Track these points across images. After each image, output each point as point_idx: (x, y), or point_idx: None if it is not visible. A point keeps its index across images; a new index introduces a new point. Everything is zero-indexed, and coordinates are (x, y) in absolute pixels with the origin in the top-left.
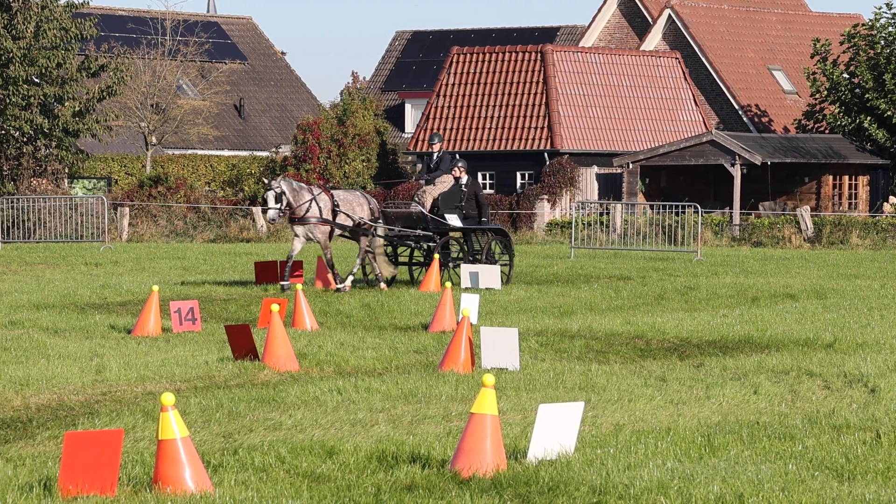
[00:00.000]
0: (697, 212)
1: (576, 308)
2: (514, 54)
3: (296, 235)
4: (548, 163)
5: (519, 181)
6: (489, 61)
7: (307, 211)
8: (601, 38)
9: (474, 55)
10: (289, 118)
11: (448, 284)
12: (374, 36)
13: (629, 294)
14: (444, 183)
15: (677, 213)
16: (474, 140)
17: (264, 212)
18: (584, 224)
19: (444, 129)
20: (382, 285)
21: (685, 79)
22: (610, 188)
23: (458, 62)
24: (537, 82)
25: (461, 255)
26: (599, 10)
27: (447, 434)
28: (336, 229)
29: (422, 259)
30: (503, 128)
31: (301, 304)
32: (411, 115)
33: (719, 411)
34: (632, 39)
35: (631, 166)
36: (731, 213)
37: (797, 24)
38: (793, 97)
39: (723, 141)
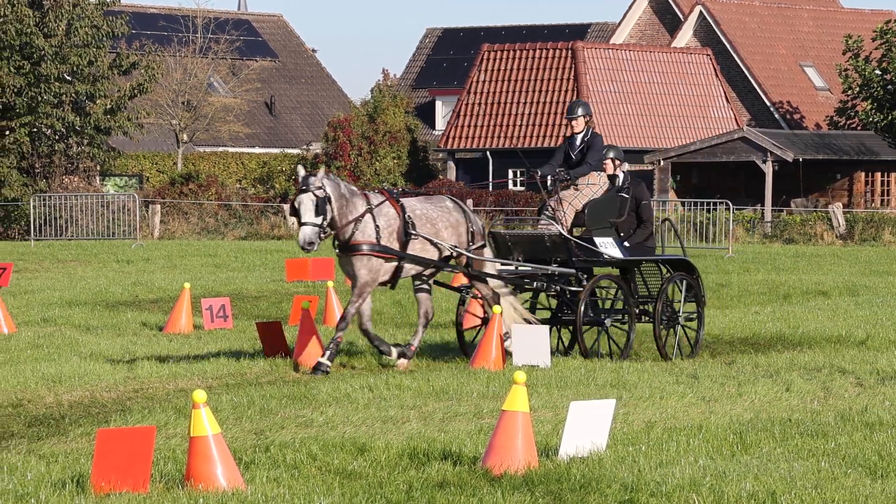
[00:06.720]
0: (729, 209)
1: None
2: (544, 51)
3: (348, 276)
4: None
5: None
6: (520, 58)
7: (353, 234)
8: (632, 36)
9: (505, 52)
10: (320, 115)
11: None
12: (404, 33)
13: None
14: (594, 185)
15: (709, 210)
16: (504, 137)
17: (301, 225)
18: None
19: (475, 127)
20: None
21: (716, 76)
22: None
23: (488, 59)
24: (568, 79)
25: (619, 303)
26: (630, 8)
27: (478, 431)
28: (408, 266)
29: (551, 310)
30: (534, 125)
31: (332, 301)
32: (441, 113)
33: (751, 409)
34: (663, 36)
35: (662, 163)
36: (763, 210)
37: (829, 21)
38: (825, 94)
39: (754, 138)
